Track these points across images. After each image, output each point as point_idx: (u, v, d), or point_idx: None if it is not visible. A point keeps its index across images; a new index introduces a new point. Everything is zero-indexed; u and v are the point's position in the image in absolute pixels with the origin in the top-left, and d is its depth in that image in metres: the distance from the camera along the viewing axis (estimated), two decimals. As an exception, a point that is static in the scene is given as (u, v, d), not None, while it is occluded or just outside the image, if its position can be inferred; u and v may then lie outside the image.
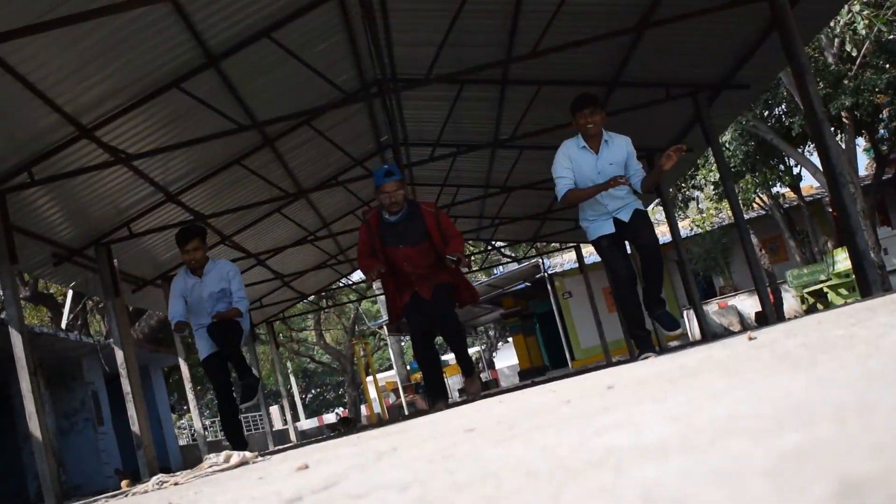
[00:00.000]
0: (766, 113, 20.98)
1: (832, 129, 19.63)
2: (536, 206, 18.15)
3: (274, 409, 38.06)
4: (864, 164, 27.39)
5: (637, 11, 9.48)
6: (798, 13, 8.70)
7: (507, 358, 47.00)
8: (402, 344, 37.83)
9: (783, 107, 21.21)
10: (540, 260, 28.17)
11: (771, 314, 11.22)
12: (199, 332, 8.25)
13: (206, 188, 12.23)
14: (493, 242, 23.90)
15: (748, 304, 23.38)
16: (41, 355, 13.84)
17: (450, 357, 33.86)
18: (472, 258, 30.04)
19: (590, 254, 26.16)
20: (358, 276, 40.12)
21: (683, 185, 24.15)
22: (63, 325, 21.19)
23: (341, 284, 24.26)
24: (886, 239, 22.64)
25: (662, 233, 25.48)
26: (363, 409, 36.69)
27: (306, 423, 42.13)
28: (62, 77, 7.85)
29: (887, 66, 18.67)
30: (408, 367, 36.99)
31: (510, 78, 11.65)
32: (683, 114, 11.96)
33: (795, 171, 23.31)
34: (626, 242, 7.05)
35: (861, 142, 25.26)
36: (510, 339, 39.09)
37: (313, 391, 66.22)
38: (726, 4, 8.75)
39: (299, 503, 1.86)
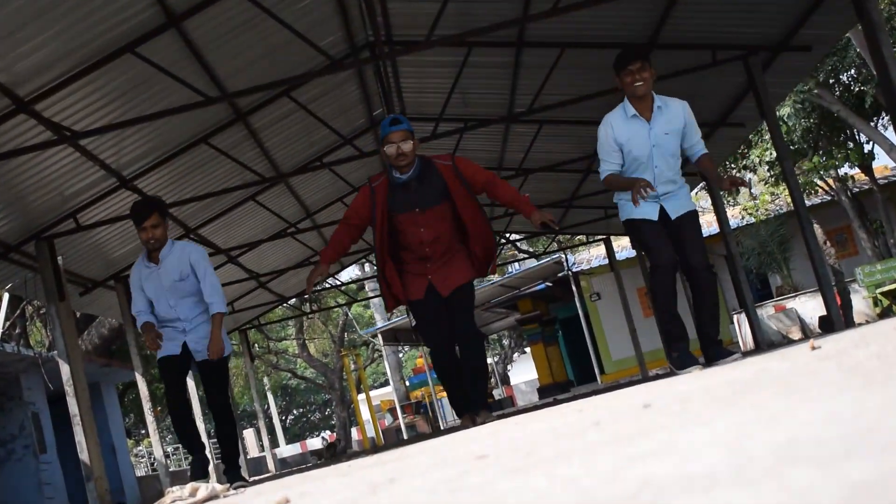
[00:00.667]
0: (831, 80, 20.96)
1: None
2: (559, 192, 18.14)
3: (249, 433, 38.12)
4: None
5: (678, -40, 9.47)
6: (869, -39, 8.68)
7: (524, 372, 47.05)
8: (401, 356, 37.91)
9: (852, 72, 21.18)
10: (563, 256, 28.17)
11: (838, 319, 11.20)
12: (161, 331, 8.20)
13: (166, 172, 12.23)
14: (508, 235, 23.89)
15: (810, 307, 23.32)
16: (-28, 370, 13.87)
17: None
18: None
19: (622, 248, 26.18)
20: (347, 276, 40.19)
21: (733, 165, 24.12)
22: (-2, 335, 21.22)
23: (328, 285, 24.24)
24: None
25: (708, 223, 25.45)
26: (354, 433, 36.77)
27: (287, 450, 42.25)
28: (-5, 41, 7.85)
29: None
30: (406, 384, 37.06)
31: (527, 39, 11.64)
32: (733, 81, 11.94)
33: (867, 148, 23.28)
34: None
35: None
36: (528, 350, 39.12)
37: (295, 412, 66.39)
38: (784, -49, 8.75)
39: (278, 546, 1.86)
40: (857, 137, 22.94)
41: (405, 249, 7.49)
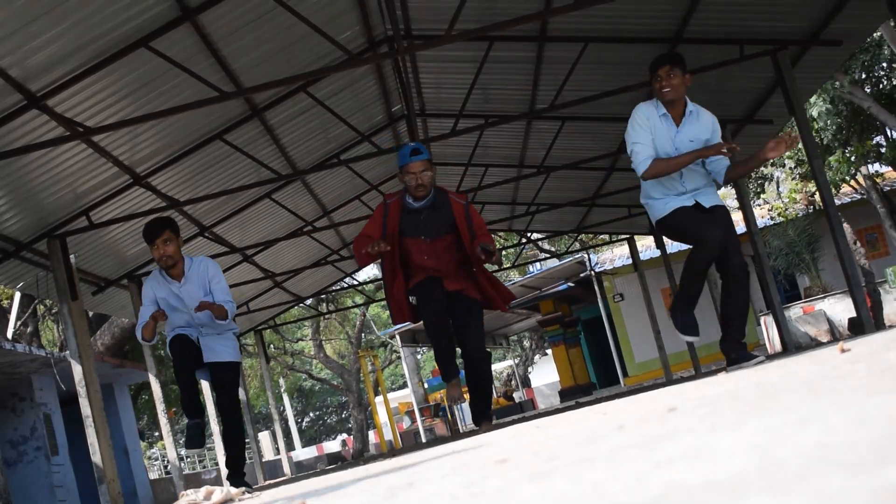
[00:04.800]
0: (863, 76, 20.85)
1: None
2: (581, 190, 18.11)
3: (264, 436, 38.21)
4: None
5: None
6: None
7: (545, 374, 47.00)
8: (419, 357, 37.94)
9: (884, 66, 21.06)
10: (585, 255, 28.12)
11: (868, 321, 11.15)
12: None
13: (181, 169, 12.27)
14: (529, 234, 23.88)
15: (839, 309, 23.23)
16: (-17, 371, 13.94)
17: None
18: (504, 252, 30.06)
19: (646, 248, 26.11)
20: (365, 275, 40.23)
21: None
22: (9, 335, 21.33)
23: (345, 285, 24.31)
24: None
25: (735, 222, 25.30)
26: (371, 436, 36.78)
27: (303, 453, 42.30)
28: (5, 36, 7.88)
29: None
30: (425, 386, 37.06)
31: (550, 34, 11.62)
32: (761, 77, 11.89)
33: (898, 146, 23.14)
34: None
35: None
36: (549, 352, 39.05)
37: (311, 414, 66.52)
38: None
39: (295, 550, 1.87)
40: (888, 134, 22.80)
41: (411, 268, 7.82)
